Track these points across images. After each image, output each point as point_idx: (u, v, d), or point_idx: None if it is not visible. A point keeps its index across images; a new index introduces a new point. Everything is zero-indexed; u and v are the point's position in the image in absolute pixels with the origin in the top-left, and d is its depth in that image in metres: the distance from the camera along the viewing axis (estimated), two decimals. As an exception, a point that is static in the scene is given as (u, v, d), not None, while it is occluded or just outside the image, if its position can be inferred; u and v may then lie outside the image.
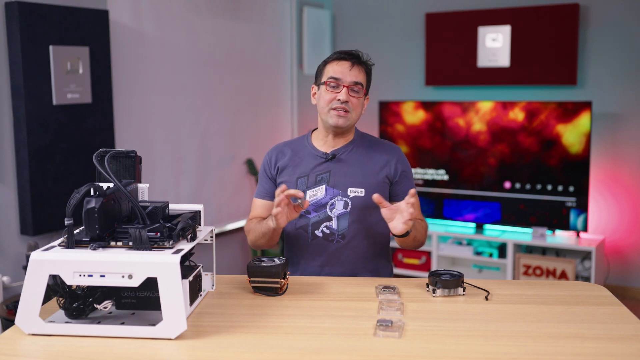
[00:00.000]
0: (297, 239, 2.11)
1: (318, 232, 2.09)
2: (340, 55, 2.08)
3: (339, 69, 2.06)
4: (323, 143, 2.14)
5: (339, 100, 2.03)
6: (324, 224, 2.08)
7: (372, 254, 2.12)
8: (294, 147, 2.18)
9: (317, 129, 2.19)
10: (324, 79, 2.08)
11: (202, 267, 1.69)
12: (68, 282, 1.43)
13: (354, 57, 2.08)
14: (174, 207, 1.70)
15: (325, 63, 2.11)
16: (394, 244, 2.88)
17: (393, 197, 2.14)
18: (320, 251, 2.09)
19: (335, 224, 2.07)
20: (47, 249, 1.47)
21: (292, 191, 1.86)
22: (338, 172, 2.09)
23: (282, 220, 1.91)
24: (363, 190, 2.07)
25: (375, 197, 1.90)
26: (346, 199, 2.07)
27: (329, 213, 2.07)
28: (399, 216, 1.86)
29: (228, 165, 4.58)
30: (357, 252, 2.09)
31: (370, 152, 2.13)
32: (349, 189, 2.08)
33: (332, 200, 2.07)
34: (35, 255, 1.43)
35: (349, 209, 2.07)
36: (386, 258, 2.19)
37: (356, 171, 2.10)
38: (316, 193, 2.08)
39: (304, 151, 2.15)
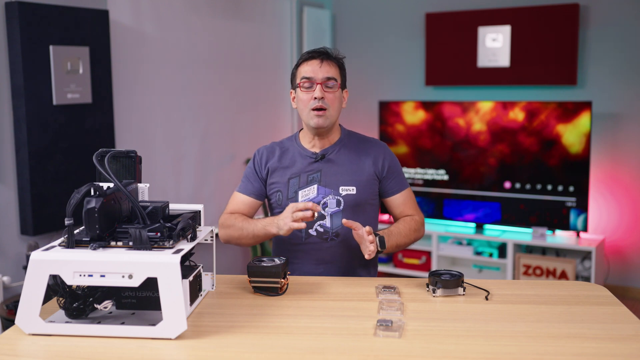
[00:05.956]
0: (291, 239, 2.11)
1: (312, 231, 2.09)
2: (309, 55, 2.10)
3: (309, 69, 2.07)
4: (312, 145, 2.16)
5: (315, 98, 2.04)
6: (318, 223, 2.09)
7: None
8: (283, 147, 2.19)
9: (303, 129, 2.20)
10: (298, 81, 2.10)
11: (202, 267, 1.69)
12: (68, 282, 1.43)
13: (322, 54, 2.10)
14: (174, 207, 1.70)
15: (296, 66, 2.13)
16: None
17: (383, 194, 2.17)
18: (315, 250, 2.10)
19: (328, 222, 2.08)
20: (47, 249, 1.47)
21: (316, 207, 1.90)
22: (329, 172, 2.11)
23: (289, 231, 1.93)
24: (354, 188, 2.09)
25: (344, 221, 1.94)
26: (339, 197, 2.08)
27: (322, 212, 2.08)
28: (363, 246, 1.94)
29: (228, 165, 4.58)
30: (351, 250, 2.09)
31: (358, 151, 2.15)
32: (341, 188, 2.09)
33: (325, 200, 2.09)
34: (35, 255, 1.43)
35: (341, 207, 2.08)
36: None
37: (346, 170, 2.11)
38: (308, 193, 2.10)
39: (293, 152, 2.16)
